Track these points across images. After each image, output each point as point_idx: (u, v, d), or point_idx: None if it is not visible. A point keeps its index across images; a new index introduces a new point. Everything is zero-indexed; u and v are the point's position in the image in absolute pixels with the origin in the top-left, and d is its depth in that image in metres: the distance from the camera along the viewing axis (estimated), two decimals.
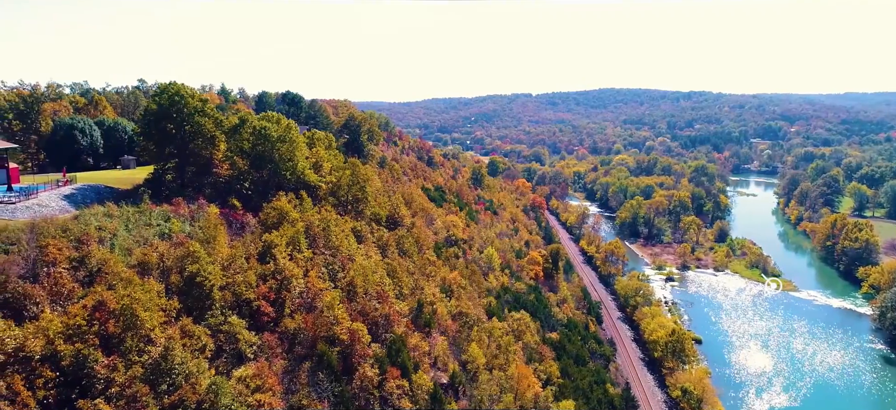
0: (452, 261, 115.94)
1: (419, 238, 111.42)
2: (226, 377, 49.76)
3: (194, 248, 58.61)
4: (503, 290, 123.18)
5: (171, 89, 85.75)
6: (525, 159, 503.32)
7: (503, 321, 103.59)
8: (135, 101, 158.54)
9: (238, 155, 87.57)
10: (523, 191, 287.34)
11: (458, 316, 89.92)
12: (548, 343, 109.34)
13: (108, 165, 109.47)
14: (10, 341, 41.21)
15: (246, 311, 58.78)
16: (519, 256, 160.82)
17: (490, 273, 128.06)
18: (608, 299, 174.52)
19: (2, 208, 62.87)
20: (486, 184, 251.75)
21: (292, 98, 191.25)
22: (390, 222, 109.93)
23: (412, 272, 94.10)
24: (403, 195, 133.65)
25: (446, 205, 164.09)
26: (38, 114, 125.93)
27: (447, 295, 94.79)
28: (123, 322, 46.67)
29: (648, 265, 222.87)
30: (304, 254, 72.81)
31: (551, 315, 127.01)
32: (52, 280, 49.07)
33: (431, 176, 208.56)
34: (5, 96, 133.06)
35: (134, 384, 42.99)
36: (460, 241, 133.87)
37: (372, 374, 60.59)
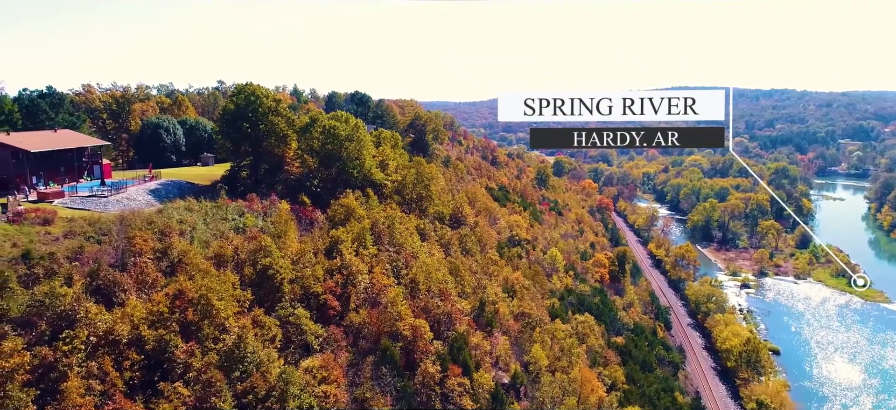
0: (515, 261, 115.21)
1: (482, 237, 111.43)
2: (294, 367, 51.59)
3: (266, 242, 61.19)
4: (567, 292, 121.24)
5: (247, 90, 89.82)
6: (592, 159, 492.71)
7: (567, 323, 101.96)
8: (214, 102, 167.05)
9: (308, 153, 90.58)
10: (589, 192, 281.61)
11: (520, 316, 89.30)
12: (613, 348, 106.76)
13: (190, 162, 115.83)
14: (101, 324, 44.43)
15: (313, 304, 60.76)
16: (584, 258, 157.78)
17: (554, 274, 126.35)
18: (678, 304, 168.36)
19: (96, 201, 67.95)
20: (551, 184, 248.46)
21: (360, 98, 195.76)
22: (454, 221, 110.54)
23: (474, 271, 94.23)
24: (467, 194, 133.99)
25: (510, 204, 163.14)
26: (129, 114, 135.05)
27: (509, 294, 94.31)
28: (201, 310, 49.32)
29: (722, 270, 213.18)
30: (369, 251, 74.42)
31: (617, 318, 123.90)
32: (138, 269, 52.54)
33: (495, 175, 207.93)
34: (100, 97, 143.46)
35: (209, 370, 45.28)
36: (523, 241, 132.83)
37: (433, 371, 61.14)
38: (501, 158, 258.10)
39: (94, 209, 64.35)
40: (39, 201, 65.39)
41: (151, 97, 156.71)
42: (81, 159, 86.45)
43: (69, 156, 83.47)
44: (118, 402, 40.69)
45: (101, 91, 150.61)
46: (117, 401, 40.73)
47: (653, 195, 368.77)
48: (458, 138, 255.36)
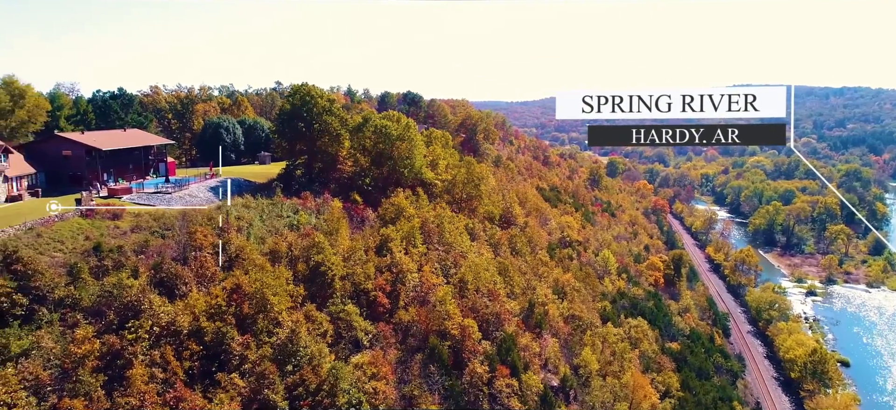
0: (566, 263, 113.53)
1: (532, 237, 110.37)
2: (344, 362, 52.52)
3: (319, 239, 62.59)
4: (619, 295, 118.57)
5: (303, 90, 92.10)
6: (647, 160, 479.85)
7: (619, 327, 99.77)
8: (272, 102, 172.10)
9: (360, 152, 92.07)
10: (644, 193, 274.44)
11: (570, 318, 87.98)
12: (667, 354, 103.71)
13: (247, 161, 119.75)
14: (164, 315, 46.53)
15: (363, 301, 61.73)
16: (637, 261, 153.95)
17: (606, 276, 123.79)
18: (737, 311, 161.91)
19: (160, 197, 71.22)
20: (604, 184, 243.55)
21: (412, 98, 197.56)
22: (503, 221, 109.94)
23: (524, 271, 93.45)
24: (517, 194, 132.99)
25: (561, 205, 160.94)
26: (192, 114, 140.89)
27: (560, 296, 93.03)
28: (256, 304, 50.93)
29: (786, 277, 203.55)
30: (418, 249, 74.97)
31: (672, 323, 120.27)
32: (199, 263, 54.73)
33: (547, 175, 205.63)
34: (166, 98, 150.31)
35: (263, 362, 46.66)
36: (575, 243, 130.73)
37: (481, 371, 61.02)
38: (553, 158, 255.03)
39: (158, 205, 67.47)
40: (110, 197, 69.10)
41: (213, 98, 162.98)
42: (148, 157, 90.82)
43: (137, 154, 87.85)
44: (179, 391, 42.48)
45: (166, 92, 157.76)
46: (178, 390, 42.53)
47: (711, 197, 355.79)
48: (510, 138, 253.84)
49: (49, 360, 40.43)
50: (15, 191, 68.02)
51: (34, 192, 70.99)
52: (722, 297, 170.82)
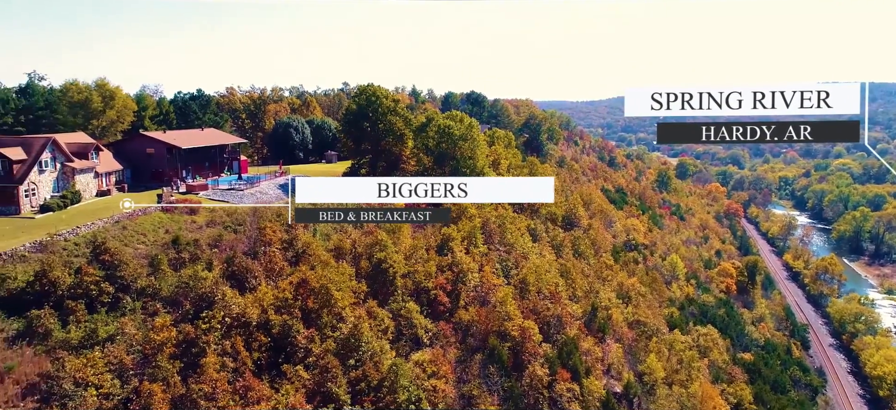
0: (631, 267, 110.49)
1: (596, 240, 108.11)
2: (404, 359, 53.18)
3: (382, 237, 63.70)
4: (688, 301, 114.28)
5: (369, 90, 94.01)
6: (720, 161, 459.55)
7: (686, 334, 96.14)
8: (339, 102, 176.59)
9: (423, 152, 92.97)
10: (716, 196, 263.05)
11: (635, 324, 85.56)
12: (739, 364, 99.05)
13: (315, 159, 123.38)
14: (235, 307, 48.63)
15: (424, 299, 62.30)
16: (708, 266, 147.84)
17: (673, 282, 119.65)
18: (818, 322, 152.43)
19: (234, 194, 74.51)
20: (673, 187, 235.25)
21: (476, 98, 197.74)
22: (566, 222, 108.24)
23: (587, 274, 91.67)
24: (581, 195, 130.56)
25: (627, 207, 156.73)
26: (264, 114, 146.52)
27: (624, 301, 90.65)
28: (321, 299, 52.38)
29: (874, 287, 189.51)
30: (479, 249, 74.94)
31: (744, 333, 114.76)
32: (268, 258, 56.91)
33: (612, 177, 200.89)
34: (241, 99, 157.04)
35: (327, 356, 47.90)
36: (641, 246, 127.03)
37: (542, 374, 60.29)
38: (619, 159, 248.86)
39: (231, 201, 70.63)
40: (187, 193, 72.91)
41: (284, 98, 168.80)
42: (223, 155, 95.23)
43: (213, 152, 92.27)
44: (247, 380, 44.26)
45: (241, 93, 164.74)
46: (247, 379, 44.32)
47: (790, 201, 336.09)
48: (574, 138, 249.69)
49: (132, 346, 43.09)
50: (104, 186, 72.95)
51: (121, 188, 75.89)
52: (801, 307, 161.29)
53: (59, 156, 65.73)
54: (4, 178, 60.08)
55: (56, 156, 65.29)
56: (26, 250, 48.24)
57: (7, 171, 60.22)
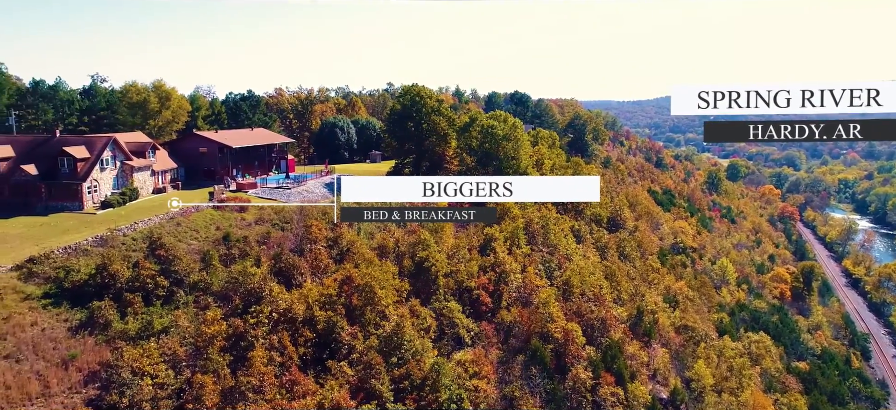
0: (679, 270, 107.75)
1: (642, 242, 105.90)
2: (446, 358, 53.36)
3: (425, 237, 64.09)
4: (738, 307, 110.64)
5: (413, 91, 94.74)
6: (774, 162, 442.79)
7: (737, 341, 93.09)
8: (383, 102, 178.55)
9: (466, 152, 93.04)
10: (770, 199, 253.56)
11: (682, 329, 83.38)
12: (793, 373, 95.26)
13: (359, 159, 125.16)
14: (282, 303, 49.80)
15: (466, 299, 62.35)
16: (760, 271, 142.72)
17: (723, 286, 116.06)
18: (880, 332, 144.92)
19: (281, 192, 76.30)
20: (724, 188, 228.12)
21: (520, 97, 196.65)
22: (611, 224, 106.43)
23: (632, 277, 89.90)
24: (627, 196, 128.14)
25: (675, 209, 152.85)
26: (311, 114, 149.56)
27: (671, 305, 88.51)
28: (364, 297, 53.09)
29: None
30: (522, 250, 74.50)
31: (799, 341, 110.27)
32: (313, 255, 58.07)
33: (660, 178, 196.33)
34: (288, 99, 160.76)
35: (370, 353, 48.51)
36: (689, 249, 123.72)
37: (585, 377, 59.48)
38: (667, 160, 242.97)
39: (279, 199, 72.37)
40: (237, 190, 75.07)
41: (330, 99, 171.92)
42: (271, 154, 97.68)
43: (262, 151, 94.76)
44: (293, 374, 45.25)
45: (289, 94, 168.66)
46: (293, 373, 45.32)
47: (851, 205, 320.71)
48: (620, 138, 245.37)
49: (184, 338, 44.68)
50: (160, 183, 75.91)
51: (175, 185, 78.81)
52: (861, 316, 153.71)
53: (118, 154, 68.74)
54: (69, 176, 63.26)
55: (116, 154, 68.30)
56: (89, 244, 50.68)
57: (72, 169, 63.39)
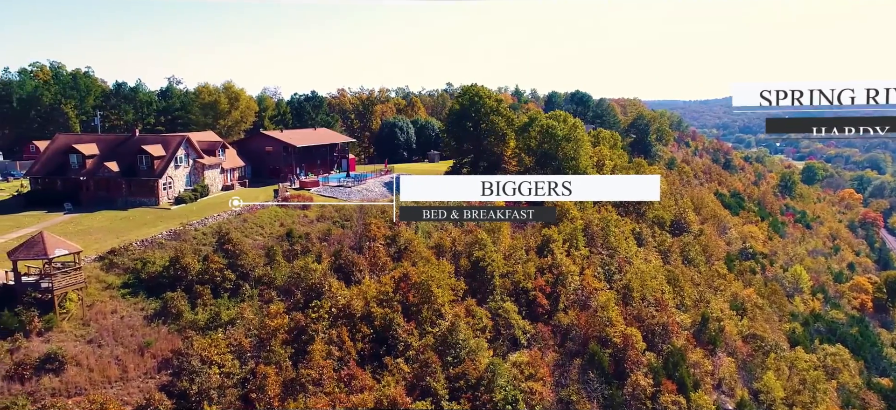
0: (747, 276, 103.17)
1: (708, 246, 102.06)
2: (502, 359, 53.16)
3: (482, 236, 64.09)
4: (813, 317, 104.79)
5: (472, 91, 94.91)
6: (856, 165, 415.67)
7: (811, 353, 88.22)
8: (442, 102, 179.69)
9: (525, 152, 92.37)
10: (851, 204, 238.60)
11: (750, 338, 79.80)
12: (875, 390, 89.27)
13: (418, 158, 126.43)
14: (341, 298, 50.99)
15: (523, 300, 61.91)
16: (838, 280, 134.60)
17: (796, 295, 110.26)
18: None
19: (342, 190, 78.16)
20: (799, 192, 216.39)
21: (580, 97, 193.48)
22: (675, 227, 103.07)
23: (697, 282, 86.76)
24: (692, 199, 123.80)
25: (744, 213, 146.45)
26: (371, 115, 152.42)
27: (738, 312, 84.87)
28: (421, 295, 53.64)
29: None
30: (581, 252, 73.27)
31: (882, 355, 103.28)
32: (372, 252, 59.17)
33: (728, 180, 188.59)
34: (350, 100, 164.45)
35: (426, 351, 48.96)
36: (759, 255, 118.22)
37: (645, 384, 57.86)
38: (736, 162, 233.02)
39: (340, 197, 74.17)
40: (300, 189, 77.45)
41: (390, 99, 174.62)
42: (333, 153, 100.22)
43: (324, 150, 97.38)
44: (351, 369, 46.26)
45: (351, 94, 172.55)
46: (351, 368, 46.34)
47: None
48: (686, 139, 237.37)
49: (249, 330, 46.50)
50: (228, 181, 79.31)
51: (242, 183, 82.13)
52: None
53: (191, 152, 72.27)
54: (147, 172, 67.08)
55: (189, 152, 71.85)
56: (163, 238, 53.60)
57: (149, 166, 67.18)
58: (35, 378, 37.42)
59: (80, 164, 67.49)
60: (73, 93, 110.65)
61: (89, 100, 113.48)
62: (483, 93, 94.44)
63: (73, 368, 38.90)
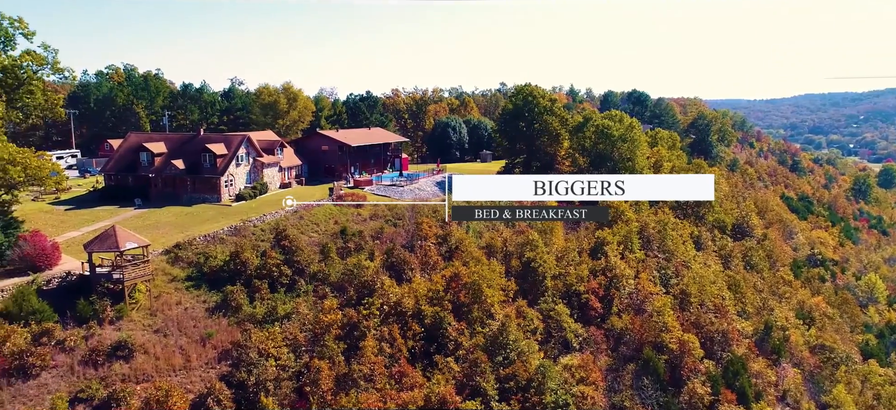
0: (815, 284, 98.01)
1: (772, 252, 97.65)
2: (553, 362, 52.54)
3: (533, 237, 63.50)
4: (889, 329, 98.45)
5: (526, 90, 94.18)
6: None
7: (887, 366, 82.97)
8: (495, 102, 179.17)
9: (579, 153, 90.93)
10: None
11: (818, 349, 75.81)
12: None
13: (470, 158, 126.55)
14: (392, 296, 51.64)
15: (575, 303, 60.95)
16: None
17: (870, 305, 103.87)
18: None
19: (394, 189, 79.09)
20: (874, 196, 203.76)
21: (637, 96, 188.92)
22: (737, 231, 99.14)
23: (760, 289, 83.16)
24: (756, 202, 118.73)
25: (812, 217, 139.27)
26: (425, 115, 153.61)
27: (805, 322, 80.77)
28: (471, 294, 53.66)
29: None
30: (635, 255, 71.52)
31: None
32: (423, 251, 59.61)
33: (795, 183, 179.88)
34: (404, 100, 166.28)
35: (476, 351, 48.94)
36: (829, 262, 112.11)
37: (702, 392, 55.87)
38: (805, 164, 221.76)
39: (392, 196, 75.09)
40: (354, 187, 78.89)
41: (443, 99, 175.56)
42: (386, 153, 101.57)
43: (378, 149, 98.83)
44: (402, 366, 46.79)
45: (404, 94, 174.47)
46: (401, 365, 46.87)
47: None
48: (750, 140, 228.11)
49: (304, 324, 47.74)
50: (286, 179, 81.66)
51: (299, 181, 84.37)
52: None
53: (251, 151, 74.83)
54: (210, 170, 69.88)
55: (249, 151, 74.41)
56: (224, 233, 55.74)
57: (212, 164, 69.98)
58: (107, 363, 39.64)
59: (149, 162, 71.03)
60: (144, 94, 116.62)
61: (158, 100, 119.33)
62: (537, 93, 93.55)
63: (141, 356, 41.00)
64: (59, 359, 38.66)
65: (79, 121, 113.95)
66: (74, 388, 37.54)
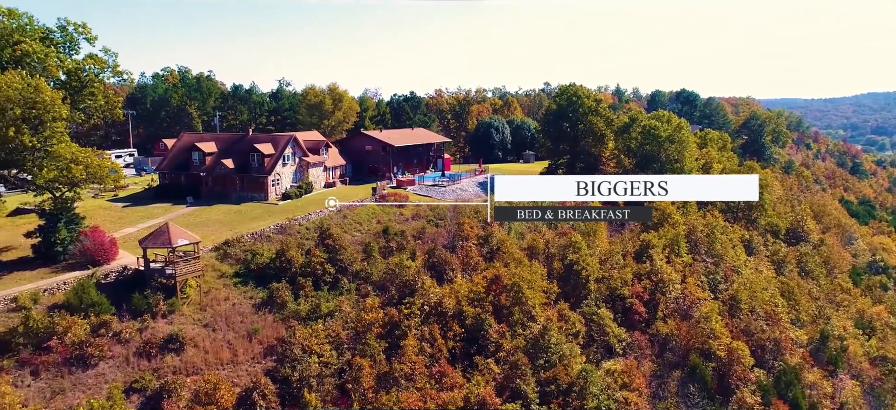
0: (877, 293, 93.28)
1: (829, 258, 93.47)
2: (595, 366, 51.72)
3: (576, 239, 62.67)
4: None
5: (570, 90, 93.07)
6: None
7: None
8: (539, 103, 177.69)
9: (625, 154, 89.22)
10: None
11: (879, 360, 72.16)
12: None
13: (513, 159, 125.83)
14: (433, 296, 51.88)
15: (619, 307, 59.85)
16: None
17: None
18: None
19: (437, 189, 79.42)
20: None
21: (686, 96, 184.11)
22: (791, 235, 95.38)
23: (816, 296, 79.75)
24: (812, 206, 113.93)
25: (874, 222, 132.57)
26: (467, 115, 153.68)
27: (865, 332, 76.98)
28: (512, 296, 53.36)
29: None
30: (682, 259, 69.70)
31: None
32: (464, 252, 59.64)
33: (856, 186, 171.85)
34: (447, 100, 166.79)
35: (516, 353, 48.67)
36: (892, 269, 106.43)
37: (752, 402, 53.99)
38: (867, 166, 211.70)
39: (434, 196, 75.41)
40: (397, 187, 79.59)
41: (486, 99, 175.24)
42: (429, 153, 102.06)
43: (420, 150, 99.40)
44: (442, 366, 46.93)
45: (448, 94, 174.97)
46: (442, 365, 47.02)
47: None
48: (806, 141, 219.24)
49: (347, 322, 48.50)
50: (330, 178, 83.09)
51: (343, 181, 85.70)
52: None
53: (297, 151, 76.46)
54: (257, 169, 71.79)
55: (295, 151, 76.05)
56: (271, 231, 57.17)
57: (260, 164, 71.86)
58: (159, 356, 41.26)
59: (201, 161, 73.48)
60: (196, 95, 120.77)
61: (210, 101, 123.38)
62: (581, 93, 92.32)
63: (191, 349, 42.49)
64: (115, 350, 40.45)
65: (136, 121, 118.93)
66: (129, 378, 39.22)
